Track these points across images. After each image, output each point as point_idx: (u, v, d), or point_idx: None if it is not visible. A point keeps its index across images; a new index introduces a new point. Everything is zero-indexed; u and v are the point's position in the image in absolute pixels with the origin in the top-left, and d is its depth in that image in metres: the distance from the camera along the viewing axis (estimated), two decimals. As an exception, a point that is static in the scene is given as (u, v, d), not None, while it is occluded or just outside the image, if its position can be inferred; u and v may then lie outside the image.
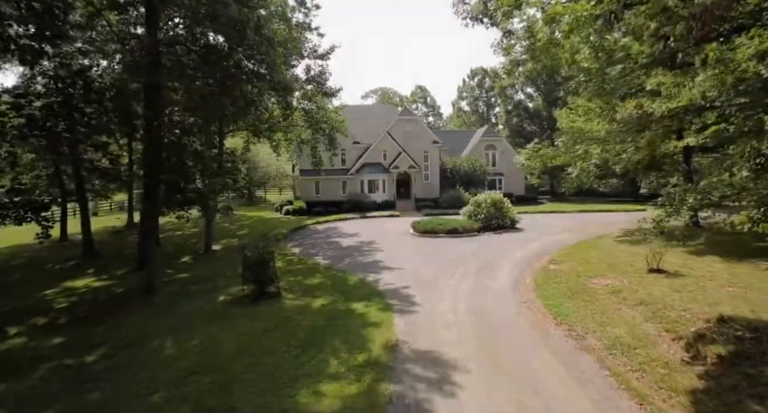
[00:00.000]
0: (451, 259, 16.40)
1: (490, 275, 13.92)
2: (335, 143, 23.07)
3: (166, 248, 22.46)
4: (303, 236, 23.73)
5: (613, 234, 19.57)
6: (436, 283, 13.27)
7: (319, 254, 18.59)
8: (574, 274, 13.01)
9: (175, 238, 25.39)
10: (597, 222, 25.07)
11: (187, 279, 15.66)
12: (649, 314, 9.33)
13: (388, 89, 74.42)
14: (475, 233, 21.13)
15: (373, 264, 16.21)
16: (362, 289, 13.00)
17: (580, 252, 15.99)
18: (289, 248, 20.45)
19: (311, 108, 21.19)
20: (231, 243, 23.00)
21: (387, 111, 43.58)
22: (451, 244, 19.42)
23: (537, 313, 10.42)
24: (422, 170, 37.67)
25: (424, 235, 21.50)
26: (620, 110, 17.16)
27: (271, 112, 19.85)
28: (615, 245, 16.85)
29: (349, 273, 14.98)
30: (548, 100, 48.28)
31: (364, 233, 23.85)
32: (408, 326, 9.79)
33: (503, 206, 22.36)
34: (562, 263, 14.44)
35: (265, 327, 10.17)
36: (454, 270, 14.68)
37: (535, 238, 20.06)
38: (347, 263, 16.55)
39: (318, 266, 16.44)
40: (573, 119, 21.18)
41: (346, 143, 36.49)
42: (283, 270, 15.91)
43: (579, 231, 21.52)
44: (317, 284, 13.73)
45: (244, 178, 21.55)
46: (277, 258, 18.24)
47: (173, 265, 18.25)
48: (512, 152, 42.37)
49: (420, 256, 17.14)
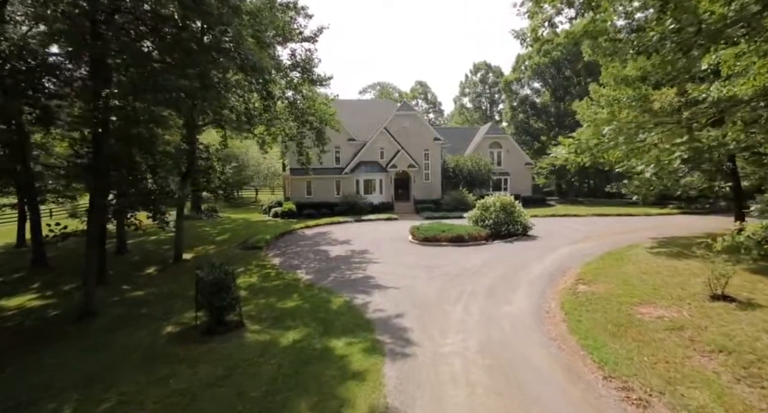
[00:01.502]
0: (457, 274, 13.80)
1: (505, 298, 11.32)
2: (323, 138, 20.45)
3: (132, 257, 19.91)
4: (288, 243, 21.12)
5: (644, 244, 16.93)
6: (439, 308, 10.67)
7: (302, 267, 16.00)
8: (613, 299, 10.41)
9: (147, 244, 22.81)
10: (619, 228, 22.41)
11: (140, 299, 13.07)
12: (739, 369, 6.72)
13: (387, 84, 71.33)
14: (482, 242, 18.51)
15: (364, 281, 13.61)
16: (346, 317, 10.39)
17: (611, 267, 13.38)
18: (269, 259, 17.86)
19: (296, 98, 18.54)
20: (207, 251, 20.42)
21: (384, 106, 40.91)
22: (455, 254, 16.81)
23: (573, 357, 7.81)
24: (422, 169, 35.06)
25: (425, 243, 18.90)
26: (658, 98, 14.58)
27: (248, 101, 17.21)
28: (651, 259, 14.21)
29: (333, 293, 12.39)
30: (556, 95, 45.59)
31: (357, 239, 21.25)
32: (402, 379, 7.19)
33: (514, 210, 19.75)
34: (594, 283, 11.83)
35: (211, 376, 7.60)
36: (461, 289, 12.09)
37: (553, 247, 17.45)
38: (333, 280, 13.95)
39: (298, 282, 13.85)
40: (595, 111, 18.50)
41: (341, 140, 33.92)
42: (255, 288, 13.34)
43: (602, 239, 18.90)
44: (292, 309, 11.12)
45: (219, 177, 18.95)
46: (253, 272, 15.72)
47: (132, 278, 15.67)
48: (518, 150, 39.77)
49: (419, 270, 14.55)
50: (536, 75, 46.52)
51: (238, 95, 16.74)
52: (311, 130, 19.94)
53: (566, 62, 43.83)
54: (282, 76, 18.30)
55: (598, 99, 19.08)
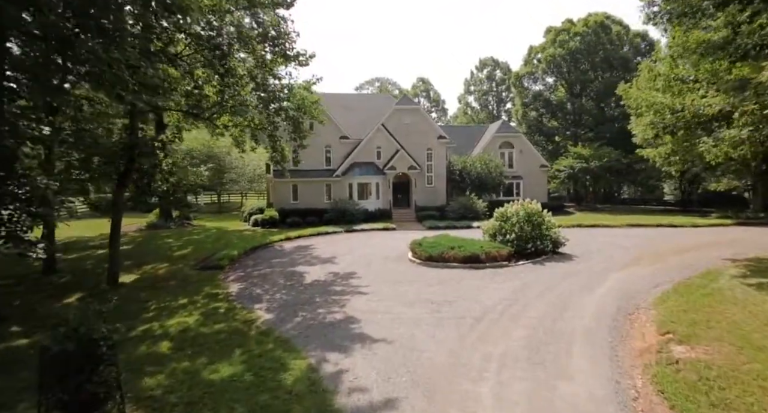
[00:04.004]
0: (476, 317, 9.67)
1: (557, 366, 7.19)
2: (301, 131, 16.38)
3: (60, 278, 15.81)
4: (258, 261, 16.98)
5: (726, 270, 12.68)
6: (456, 387, 6.56)
7: (264, 299, 11.87)
8: (742, 378, 6.25)
9: (90, 260, 18.69)
10: (672, 244, 17.96)
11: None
12: None
13: (386, 80, 66.86)
14: (504, 263, 14.36)
15: (343, 326, 9.46)
16: (303, 406, 6.25)
17: (703, 310, 9.19)
18: (227, 284, 13.76)
19: (262, 77, 14.42)
20: (156, 270, 16.33)
21: (382, 101, 36.81)
22: (470, 282, 12.68)
23: None
24: (425, 171, 30.97)
25: (429, 263, 14.78)
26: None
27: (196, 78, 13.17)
28: (756, 296, 9.97)
29: (294, 351, 8.26)
30: (573, 91, 41.46)
31: (344, 257, 17.11)
32: None
33: (543, 222, 15.59)
34: (695, 341, 7.64)
35: None
36: (486, 349, 7.95)
37: (600, 273, 13.29)
38: (300, 323, 9.81)
39: (251, 326, 9.73)
40: (651, 94, 14.39)
41: (332, 138, 29.92)
42: (186, 337, 9.23)
43: (659, 261, 14.65)
44: (224, 385, 6.98)
45: (167, 178, 14.86)
46: (197, 306, 11.57)
47: (36, 315, 11.53)
48: (533, 151, 35.72)
49: (422, 308, 10.41)
50: (550, 69, 42.40)
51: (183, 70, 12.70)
52: (286, 120, 15.86)
53: (584, 53, 39.70)
54: (246, 49, 14.26)
55: (652, 79, 14.96)
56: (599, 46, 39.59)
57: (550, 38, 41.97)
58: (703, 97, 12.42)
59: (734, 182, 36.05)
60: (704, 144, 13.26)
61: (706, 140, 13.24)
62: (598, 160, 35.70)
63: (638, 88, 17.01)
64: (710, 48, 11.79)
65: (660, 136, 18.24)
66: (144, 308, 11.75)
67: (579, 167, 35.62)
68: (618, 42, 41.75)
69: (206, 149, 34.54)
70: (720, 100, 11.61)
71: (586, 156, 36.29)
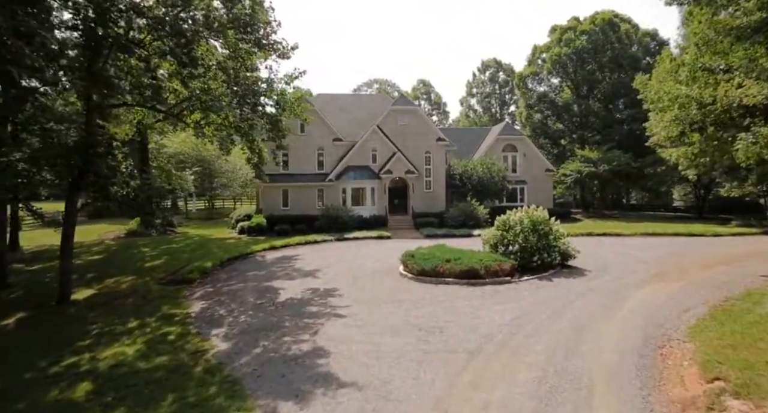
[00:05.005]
0: (471, 350, 7.91)
1: (577, 429, 5.41)
2: (280, 129, 14.73)
3: (11, 293, 14.22)
4: (232, 275, 15.28)
5: (763, 287, 10.87)
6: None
7: (226, 323, 10.17)
8: None
9: (51, 272, 17.05)
10: (697, 257, 16.06)
11: None
12: None
13: (385, 82, 64.95)
14: (506, 278, 12.58)
15: (306, 363, 7.72)
16: None
17: (753, 343, 7.37)
18: (190, 302, 12.09)
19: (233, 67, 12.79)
20: (119, 284, 14.68)
21: (378, 101, 35.15)
22: (466, 302, 10.91)
23: None
24: (423, 175, 29.25)
25: (422, 279, 13.04)
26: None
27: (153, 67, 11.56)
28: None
29: (240, 397, 6.56)
30: (579, 92, 39.66)
31: (329, 269, 15.41)
32: None
33: (549, 232, 13.82)
34: (756, 395, 5.83)
35: None
36: (482, 398, 6.20)
37: (618, 292, 11.48)
38: (258, 356, 8.09)
39: (196, 361, 8.01)
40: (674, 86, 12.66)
41: (324, 140, 28.35)
42: (117, 374, 7.56)
43: (685, 277, 12.79)
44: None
45: (127, 181, 13.23)
46: (145, 330, 9.86)
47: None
48: (537, 155, 33.94)
49: (408, 338, 8.65)
50: (555, 69, 40.63)
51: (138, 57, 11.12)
52: (263, 117, 14.23)
53: (591, 53, 37.93)
54: (215, 36, 12.68)
55: (674, 69, 13.23)
56: (607, 45, 37.88)
57: (555, 37, 40.31)
58: (738, 88, 10.72)
59: (750, 188, 34.02)
60: (742, 141, 11.59)
61: (744, 136, 11.56)
62: (607, 163, 33.84)
63: (658, 81, 15.33)
64: (746, 31, 10.09)
65: (686, 133, 16.62)
66: (85, 332, 10.09)
67: (587, 171, 33.75)
68: (627, 41, 40.02)
69: (195, 152, 33.05)
70: (760, 89, 9.92)
71: (594, 160, 34.45)
